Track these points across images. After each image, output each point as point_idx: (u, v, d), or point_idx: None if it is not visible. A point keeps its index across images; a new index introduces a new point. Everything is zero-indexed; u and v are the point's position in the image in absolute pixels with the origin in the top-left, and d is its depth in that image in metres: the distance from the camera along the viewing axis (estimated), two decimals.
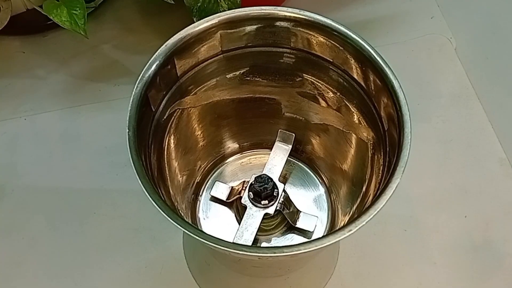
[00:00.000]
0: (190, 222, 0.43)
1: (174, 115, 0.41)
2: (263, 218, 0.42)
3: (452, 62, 0.59)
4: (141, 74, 0.36)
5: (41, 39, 0.60)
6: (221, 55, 0.40)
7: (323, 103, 0.43)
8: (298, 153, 0.48)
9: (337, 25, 0.37)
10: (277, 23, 0.39)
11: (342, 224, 0.42)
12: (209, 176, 0.48)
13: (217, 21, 0.38)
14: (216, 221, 0.46)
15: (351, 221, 0.30)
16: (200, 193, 0.47)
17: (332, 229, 0.45)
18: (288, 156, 0.46)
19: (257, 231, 0.41)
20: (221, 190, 0.45)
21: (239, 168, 0.49)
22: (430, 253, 0.48)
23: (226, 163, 0.49)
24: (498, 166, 0.52)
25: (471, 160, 0.53)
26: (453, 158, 0.53)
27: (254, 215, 0.42)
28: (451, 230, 0.49)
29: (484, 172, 0.52)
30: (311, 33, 0.39)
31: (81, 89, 0.57)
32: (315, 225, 0.44)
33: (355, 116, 0.41)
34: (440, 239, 0.48)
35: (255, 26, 0.39)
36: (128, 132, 0.34)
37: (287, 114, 0.46)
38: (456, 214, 0.50)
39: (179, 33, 0.37)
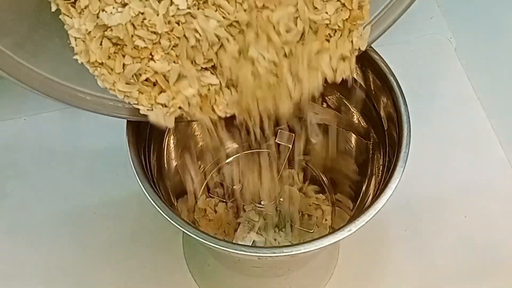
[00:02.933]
0: (189, 222, 0.43)
1: None
2: (262, 218, 0.42)
3: (452, 62, 0.59)
4: None
5: None
6: None
7: (323, 103, 0.43)
8: None
9: None
10: None
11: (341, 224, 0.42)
12: (209, 176, 0.48)
13: None
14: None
15: (350, 221, 0.30)
16: (200, 193, 0.47)
17: (332, 229, 0.45)
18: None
19: (257, 231, 0.41)
20: (220, 191, 0.45)
21: (239, 168, 0.48)
22: (430, 253, 0.48)
23: (226, 163, 0.49)
24: (497, 166, 0.52)
25: (471, 160, 0.53)
26: (453, 158, 0.53)
27: (254, 215, 0.42)
28: (451, 230, 0.49)
29: (484, 172, 0.52)
30: None
31: None
32: (314, 225, 0.44)
33: (355, 116, 0.41)
34: (440, 239, 0.48)
35: None
36: (127, 132, 0.34)
37: None
38: (456, 214, 0.50)
39: None
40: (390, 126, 0.36)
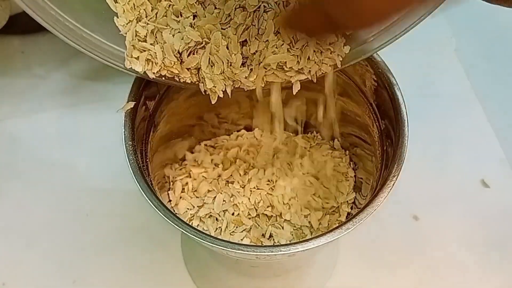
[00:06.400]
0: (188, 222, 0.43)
1: (169, 113, 0.41)
2: None
3: (452, 62, 0.59)
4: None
5: (41, 38, 0.60)
6: None
7: None
8: None
9: None
10: None
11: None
12: None
13: None
14: None
15: (348, 219, 0.30)
16: None
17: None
18: None
19: None
20: None
21: None
22: (430, 253, 0.48)
23: None
24: (497, 166, 0.52)
25: (470, 160, 0.53)
26: (452, 158, 0.53)
27: None
28: (450, 230, 0.49)
29: (483, 173, 0.52)
30: None
31: (80, 89, 0.57)
32: None
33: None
34: (439, 239, 0.48)
35: None
36: (125, 132, 0.34)
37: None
38: (455, 214, 0.50)
39: None
40: (387, 125, 0.36)
